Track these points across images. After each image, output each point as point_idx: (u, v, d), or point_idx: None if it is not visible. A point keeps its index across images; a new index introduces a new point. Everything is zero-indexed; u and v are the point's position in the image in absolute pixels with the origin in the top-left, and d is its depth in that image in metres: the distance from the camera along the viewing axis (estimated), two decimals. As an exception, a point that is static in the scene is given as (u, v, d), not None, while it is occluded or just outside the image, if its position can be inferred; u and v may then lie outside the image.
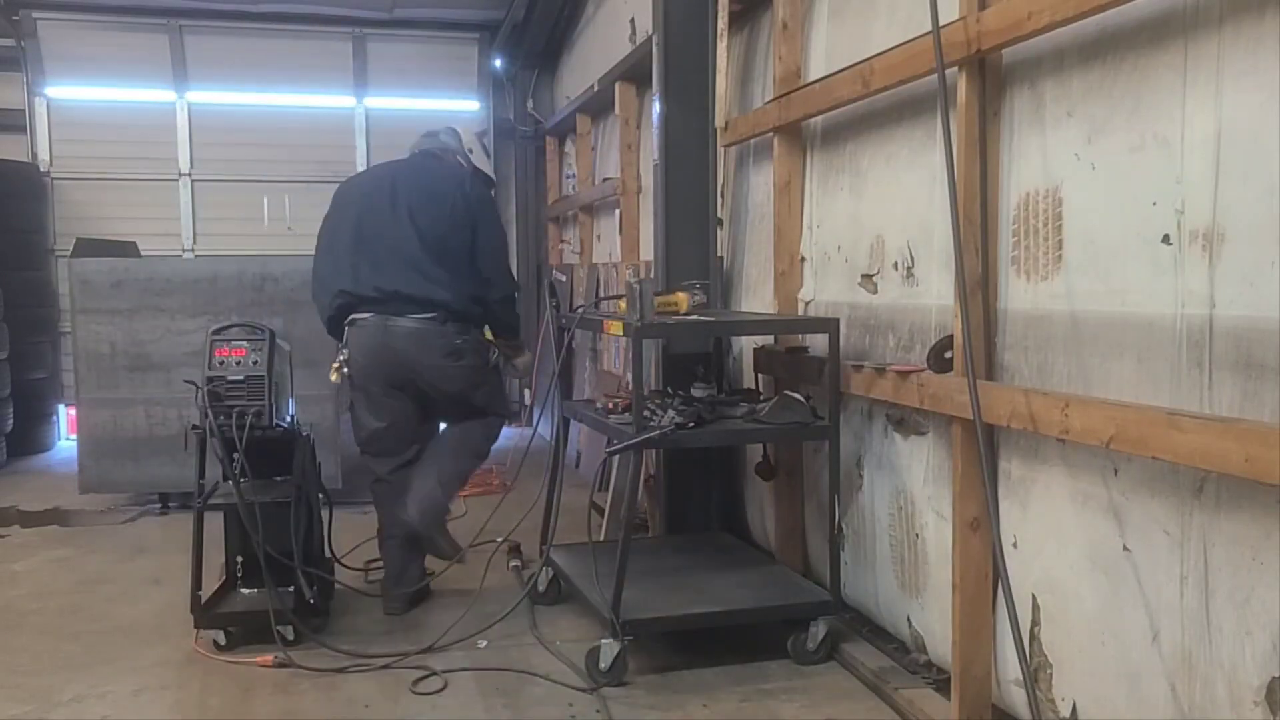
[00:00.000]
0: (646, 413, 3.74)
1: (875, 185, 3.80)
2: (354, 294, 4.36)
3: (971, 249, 3.00)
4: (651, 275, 5.28)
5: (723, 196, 5.01)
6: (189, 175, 8.90)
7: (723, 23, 4.66)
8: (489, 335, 4.61)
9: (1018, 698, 3.02)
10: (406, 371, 4.38)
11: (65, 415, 8.47)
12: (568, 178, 8.83)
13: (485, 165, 4.83)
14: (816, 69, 4.16)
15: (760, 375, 4.61)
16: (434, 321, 4.33)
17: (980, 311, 3.03)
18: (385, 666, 3.79)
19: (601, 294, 6.92)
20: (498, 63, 9.33)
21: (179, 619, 4.15)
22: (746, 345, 4.75)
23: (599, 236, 7.92)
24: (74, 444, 6.61)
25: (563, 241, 9.07)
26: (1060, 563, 2.84)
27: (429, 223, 4.37)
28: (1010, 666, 3.03)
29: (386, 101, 9.17)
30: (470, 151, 4.77)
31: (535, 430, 5.31)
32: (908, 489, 3.60)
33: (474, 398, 4.54)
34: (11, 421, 7.80)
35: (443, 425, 4.69)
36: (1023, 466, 2.98)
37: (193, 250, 8.85)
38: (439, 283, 4.33)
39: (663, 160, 4.90)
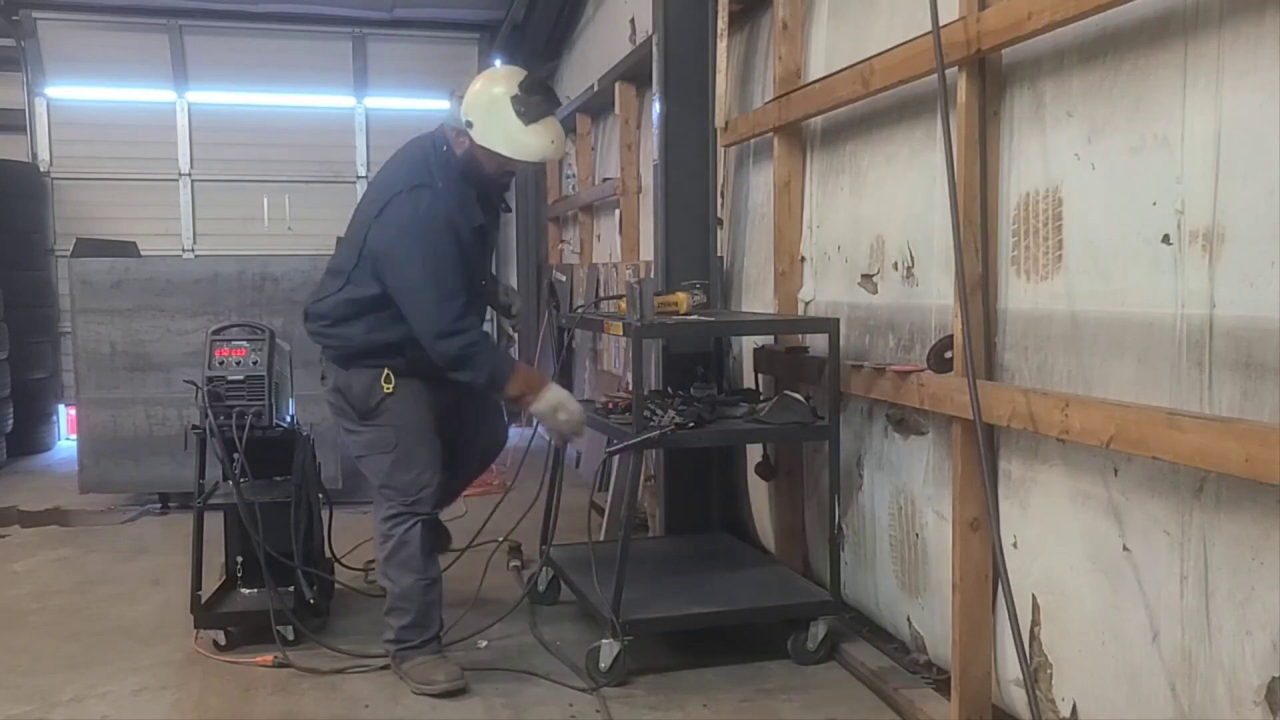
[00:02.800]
0: (646, 413, 3.74)
1: (875, 185, 3.80)
2: None
3: (971, 249, 3.00)
4: (651, 275, 5.28)
5: (723, 196, 5.00)
6: (189, 175, 8.92)
7: (723, 23, 4.66)
8: (390, 375, 3.67)
9: (1018, 698, 3.02)
10: None
11: (65, 415, 8.47)
12: (568, 178, 8.83)
13: (498, 136, 3.59)
14: (816, 69, 4.15)
15: (760, 375, 4.61)
16: (320, 339, 3.82)
17: (980, 311, 3.02)
18: (385, 667, 3.78)
19: (601, 294, 6.91)
20: (497, 63, 9.33)
21: (179, 619, 4.15)
22: (746, 345, 4.75)
23: (599, 236, 7.92)
24: (74, 444, 6.62)
25: (563, 241, 9.07)
26: (1060, 563, 2.84)
27: (349, 232, 3.82)
28: (1010, 666, 3.03)
29: (386, 101, 9.18)
30: (469, 126, 3.62)
31: (535, 430, 5.31)
32: (908, 489, 3.59)
33: (352, 447, 3.87)
34: (11, 421, 7.80)
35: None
36: (1023, 466, 2.98)
37: (193, 250, 8.87)
38: (320, 292, 3.83)
39: (663, 160, 4.90)
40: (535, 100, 3.59)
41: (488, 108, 3.60)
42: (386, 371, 3.66)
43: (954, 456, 3.14)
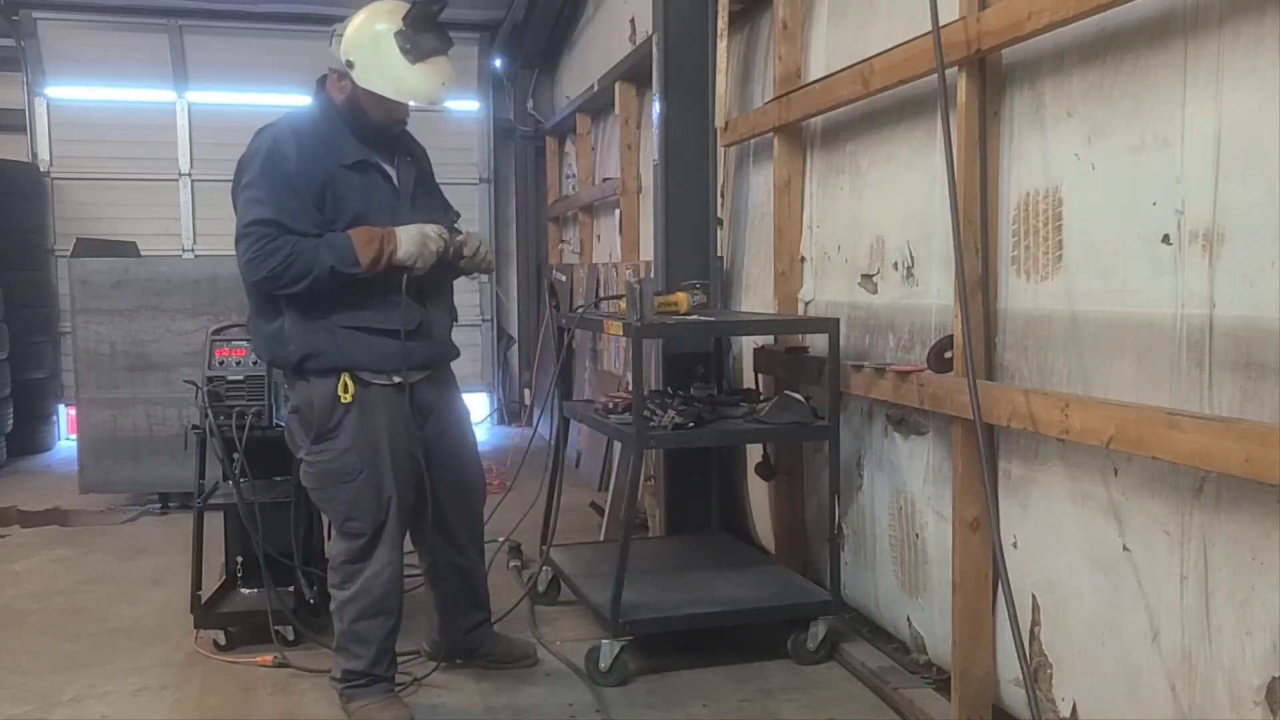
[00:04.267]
0: (646, 413, 3.74)
1: (875, 185, 3.80)
2: None
3: (971, 249, 3.00)
4: (651, 275, 5.28)
5: (723, 196, 5.00)
6: (189, 175, 8.90)
7: (723, 23, 4.66)
8: (347, 383, 3.21)
9: (1018, 698, 3.02)
10: None
11: (65, 415, 8.47)
12: (568, 178, 8.84)
13: (381, 77, 3.19)
14: (816, 69, 4.16)
15: (760, 375, 4.61)
16: (259, 355, 3.44)
17: (980, 311, 3.03)
18: (385, 666, 3.78)
19: (601, 294, 6.92)
20: (498, 63, 9.33)
21: (179, 619, 4.15)
22: (746, 345, 4.75)
23: (599, 236, 7.92)
24: (74, 444, 6.62)
25: (563, 241, 9.07)
26: (1060, 563, 2.84)
27: None
28: (1010, 666, 3.03)
29: (386, 102, 9.15)
30: (350, 66, 3.21)
31: (535, 430, 5.32)
32: (908, 489, 3.59)
33: (307, 479, 3.38)
34: (11, 421, 7.80)
35: None
36: (1023, 466, 2.98)
37: (193, 250, 8.85)
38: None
39: (663, 160, 4.90)
40: (422, 36, 3.18)
41: (370, 46, 3.19)
42: (344, 379, 3.21)
43: (954, 456, 3.14)
